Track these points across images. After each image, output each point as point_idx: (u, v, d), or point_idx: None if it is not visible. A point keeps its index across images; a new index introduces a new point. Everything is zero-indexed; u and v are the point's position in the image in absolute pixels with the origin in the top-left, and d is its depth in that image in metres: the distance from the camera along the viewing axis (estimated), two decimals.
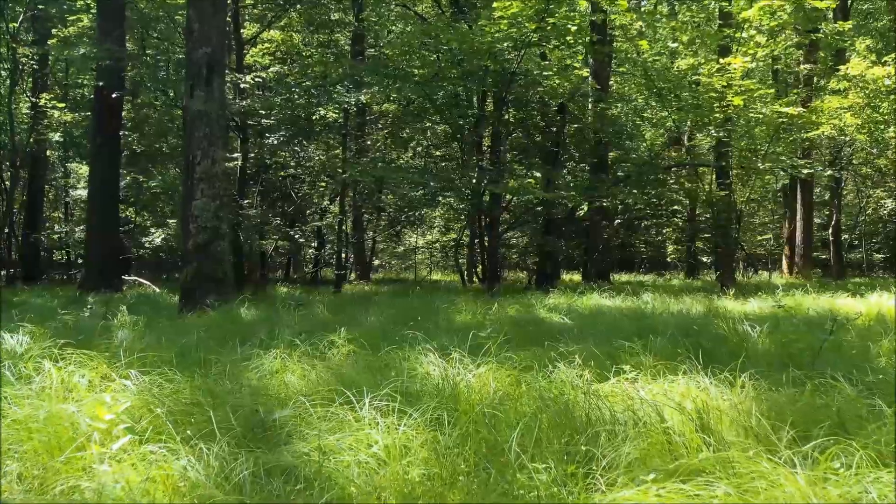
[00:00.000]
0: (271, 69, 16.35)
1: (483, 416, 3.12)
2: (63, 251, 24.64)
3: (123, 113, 20.32)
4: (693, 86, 13.10)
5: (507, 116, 16.94)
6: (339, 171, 16.17)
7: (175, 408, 3.20)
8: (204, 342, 5.55)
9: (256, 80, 14.63)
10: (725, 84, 11.93)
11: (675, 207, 24.47)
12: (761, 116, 12.09)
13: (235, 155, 16.53)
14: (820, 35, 12.64)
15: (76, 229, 20.77)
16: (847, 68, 13.25)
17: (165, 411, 3.02)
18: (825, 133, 13.88)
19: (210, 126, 8.61)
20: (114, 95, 14.25)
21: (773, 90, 13.31)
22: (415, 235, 28.72)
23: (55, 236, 22.95)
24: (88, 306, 7.89)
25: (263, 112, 15.79)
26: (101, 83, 14.62)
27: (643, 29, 14.16)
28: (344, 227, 20.90)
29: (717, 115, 12.33)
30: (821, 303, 10.09)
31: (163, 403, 3.14)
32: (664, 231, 28.93)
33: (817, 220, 26.35)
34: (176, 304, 9.68)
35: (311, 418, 3.03)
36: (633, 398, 3.60)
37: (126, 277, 19.36)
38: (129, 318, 7.43)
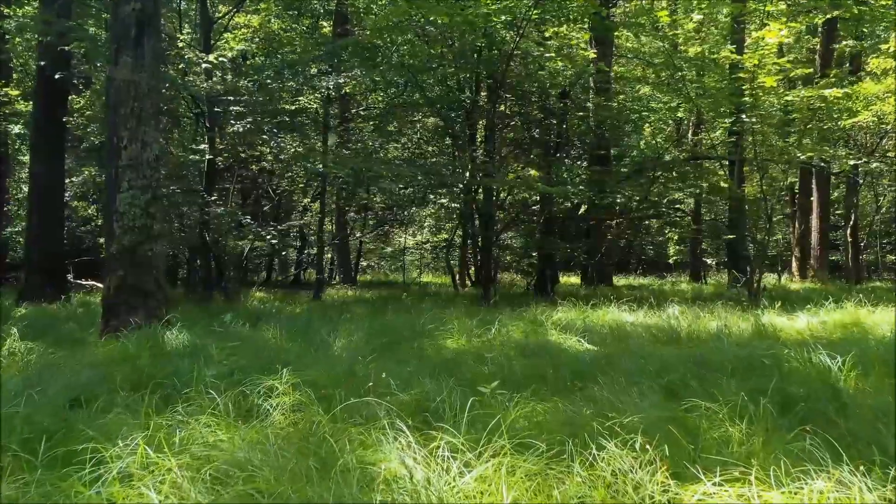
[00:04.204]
0: (237, 47, 14.60)
1: None
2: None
3: (81, 101, 18.58)
4: (715, 65, 11.46)
5: (503, 108, 15.30)
6: (317, 162, 14.45)
7: None
8: (76, 393, 3.85)
9: (221, 59, 12.87)
10: (757, 62, 10.31)
11: (679, 206, 22.88)
12: (797, 100, 10.49)
13: (202, 147, 14.79)
14: (864, 9, 11.09)
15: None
16: (889, 47, 11.69)
17: None
18: (864, 121, 12.32)
19: (140, 100, 6.90)
20: (56, 77, 12.46)
21: (810, 70, 11.74)
22: (404, 235, 27.04)
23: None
24: None
25: (232, 98, 14.05)
26: (42, 63, 12.84)
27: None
28: (326, 227, 19.18)
29: (747, 98, 10.71)
30: (881, 317, 8.45)
31: None
32: (666, 231, 27.34)
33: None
34: None
35: None
36: None
37: (82, 282, 17.56)
38: (21, 344, 5.71)
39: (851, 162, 11.41)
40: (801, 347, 5.56)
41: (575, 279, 22.45)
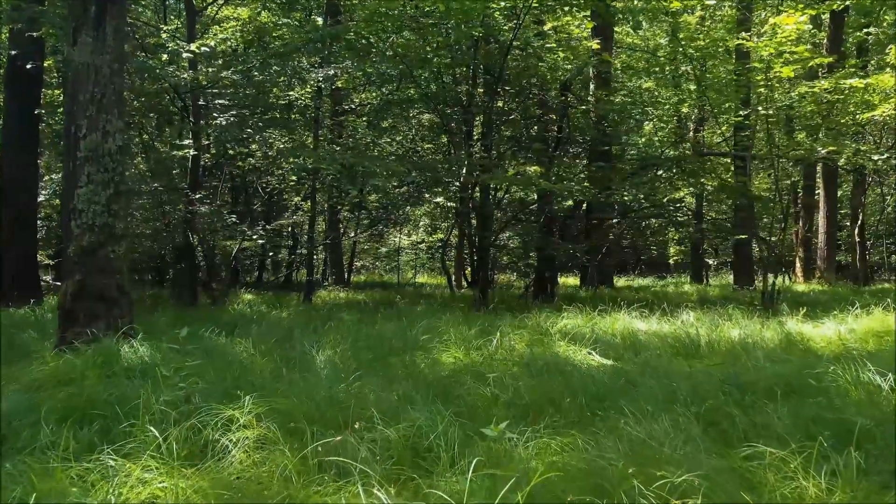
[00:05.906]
0: (221, 36, 13.88)
1: None
2: None
3: (61, 94, 17.80)
4: (727, 54, 10.81)
5: (501, 103, 14.61)
6: (308, 159, 13.74)
7: None
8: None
9: (203, 48, 12.14)
10: (773, 51, 9.66)
11: (681, 205, 22.23)
12: (816, 91, 9.85)
13: (186, 142, 14.07)
14: None
15: None
16: None
17: None
18: (884, 114, 11.68)
19: (101, 85, 6.21)
20: (28, 66, 11.74)
21: (829, 59, 11.09)
22: (399, 235, 26.37)
23: None
24: None
25: (216, 91, 13.35)
26: (14, 52, 12.10)
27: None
28: (318, 227, 18.43)
29: (762, 89, 10.06)
30: None
31: None
32: (668, 231, 26.70)
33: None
34: None
35: None
36: None
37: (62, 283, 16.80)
38: None
39: (874, 157, 10.77)
40: (844, 363, 4.90)
41: (574, 280, 21.79)
